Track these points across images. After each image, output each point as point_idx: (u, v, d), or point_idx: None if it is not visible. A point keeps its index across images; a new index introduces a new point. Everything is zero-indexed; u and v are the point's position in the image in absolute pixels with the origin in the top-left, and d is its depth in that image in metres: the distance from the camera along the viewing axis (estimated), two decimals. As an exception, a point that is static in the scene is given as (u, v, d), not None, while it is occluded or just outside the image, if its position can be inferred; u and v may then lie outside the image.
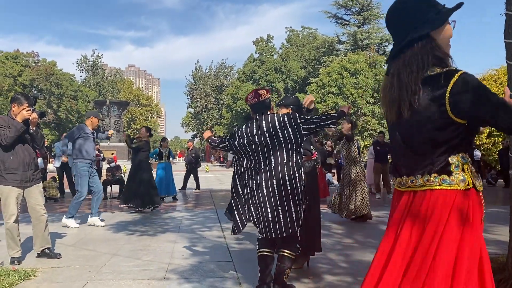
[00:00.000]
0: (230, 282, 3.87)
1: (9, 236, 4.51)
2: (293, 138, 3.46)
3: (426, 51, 1.71)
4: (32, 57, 52.67)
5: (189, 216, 8.23)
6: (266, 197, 3.39)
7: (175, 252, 5.08)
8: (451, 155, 1.66)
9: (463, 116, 1.63)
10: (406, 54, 1.75)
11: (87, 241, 5.84)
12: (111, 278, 4.03)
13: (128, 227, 6.95)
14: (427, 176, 1.67)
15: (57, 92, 48.20)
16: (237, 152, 3.60)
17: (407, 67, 1.73)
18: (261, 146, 3.47)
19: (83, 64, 57.79)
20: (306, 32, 48.22)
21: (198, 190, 14.06)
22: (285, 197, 3.38)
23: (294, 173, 3.43)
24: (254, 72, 44.95)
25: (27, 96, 4.63)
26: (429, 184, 1.66)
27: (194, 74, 59.00)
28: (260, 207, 3.42)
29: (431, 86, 1.67)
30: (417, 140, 1.71)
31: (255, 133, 3.51)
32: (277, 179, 3.39)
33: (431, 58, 1.70)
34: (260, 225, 3.45)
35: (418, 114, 1.69)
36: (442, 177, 1.64)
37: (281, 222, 3.37)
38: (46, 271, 4.28)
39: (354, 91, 29.85)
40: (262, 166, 3.45)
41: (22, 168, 4.51)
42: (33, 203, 4.66)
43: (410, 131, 1.73)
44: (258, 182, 3.44)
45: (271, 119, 3.53)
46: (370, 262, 4.80)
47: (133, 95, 63.62)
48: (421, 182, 1.69)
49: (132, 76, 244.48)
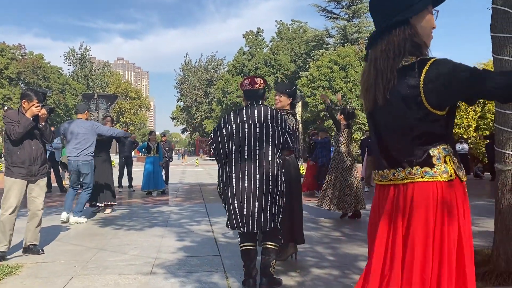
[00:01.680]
0: (217, 276, 3.86)
1: (1, 229, 4.48)
2: (279, 137, 3.41)
3: (403, 37, 1.67)
4: (18, 50, 51.98)
5: (177, 210, 8.19)
6: (246, 190, 3.30)
7: (163, 247, 5.06)
8: (432, 147, 1.63)
9: (441, 104, 1.59)
10: (384, 40, 1.72)
11: (73, 236, 5.78)
12: (96, 273, 3.99)
13: (115, 222, 6.90)
14: (409, 169, 1.64)
15: (45, 86, 47.64)
16: (222, 146, 3.42)
17: (384, 53, 1.70)
18: (248, 135, 3.35)
19: (70, 57, 57.20)
20: (296, 26, 48.19)
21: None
22: (264, 194, 3.31)
23: (277, 172, 3.37)
24: (244, 65, 44.86)
25: (37, 92, 4.73)
26: (411, 177, 1.64)
27: (183, 67, 58.71)
28: (238, 199, 3.32)
29: (406, 76, 1.63)
30: (395, 131, 1.68)
31: (245, 120, 3.39)
32: (261, 175, 3.30)
33: (408, 45, 1.67)
34: (237, 218, 3.34)
35: (393, 104, 1.66)
36: (424, 169, 1.62)
37: (257, 218, 3.30)
38: (31, 267, 4.23)
39: (343, 85, 29.93)
40: (246, 157, 3.33)
41: (29, 162, 4.60)
42: (34, 196, 4.73)
43: (387, 122, 1.71)
44: (240, 173, 3.32)
45: (264, 110, 3.44)
46: (357, 255, 4.82)
47: (121, 88, 63.15)
48: (403, 175, 1.66)
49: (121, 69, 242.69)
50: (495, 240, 3.80)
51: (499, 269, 3.59)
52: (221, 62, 59.20)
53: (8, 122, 4.50)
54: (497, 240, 3.75)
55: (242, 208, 3.31)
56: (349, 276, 3.82)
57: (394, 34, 1.69)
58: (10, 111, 4.76)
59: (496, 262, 3.69)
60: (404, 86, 1.63)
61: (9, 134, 4.50)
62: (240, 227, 3.35)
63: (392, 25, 1.70)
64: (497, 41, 3.68)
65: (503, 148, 3.70)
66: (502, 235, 3.68)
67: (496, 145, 3.79)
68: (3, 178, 4.67)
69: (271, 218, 3.34)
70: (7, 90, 48.37)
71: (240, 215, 3.33)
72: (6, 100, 47.06)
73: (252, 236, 3.48)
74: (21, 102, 4.67)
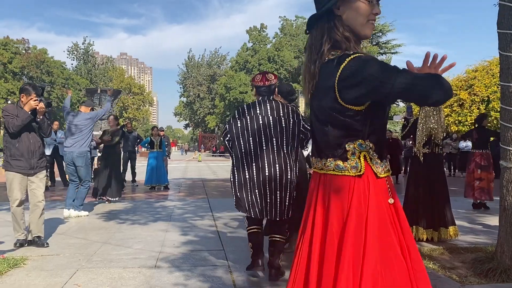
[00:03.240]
0: (221, 271, 3.87)
1: (14, 219, 4.71)
2: (292, 130, 3.47)
3: (324, 31, 1.63)
4: (22, 44, 52.02)
5: (181, 205, 8.21)
6: (267, 179, 3.36)
7: (166, 241, 5.07)
8: (349, 141, 1.61)
9: (356, 101, 1.55)
10: (312, 32, 1.69)
11: (78, 230, 5.81)
12: (101, 266, 4.02)
13: (119, 216, 6.92)
14: (325, 160, 1.65)
15: (48, 80, 47.74)
16: (237, 137, 3.48)
17: (308, 48, 1.68)
18: (263, 127, 3.42)
19: (74, 51, 57.19)
20: (300, 22, 48.00)
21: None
22: (284, 184, 3.39)
23: (293, 164, 3.46)
24: (247, 61, 44.79)
25: (35, 86, 4.81)
26: (325, 168, 1.65)
27: (186, 63, 58.63)
28: (260, 187, 3.37)
29: (327, 71, 1.60)
30: (320, 123, 1.67)
31: (259, 113, 3.46)
32: (280, 165, 3.37)
33: (330, 39, 1.62)
34: (257, 206, 3.41)
35: (317, 97, 1.66)
36: (336, 163, 1.62)
37: (278, 206, 3.40)
38: (36, 259, 4.26)
39: (347, 82, 29.85)
40: (265, 147, 3.39)
41: (27, 155, 4.67)
42: (34, 188, 4.81)
43: (315, 113, 1.70)
44: (260, 162, 3.38)
45: (276, 105, 3.52)
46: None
47: (124, 83, 63.18)
48: (320, 165, 1.68)
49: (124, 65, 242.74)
50: (499, 237, 3.80)
51: (503, 266, 3.59)
52: (224, 58, 59.10)
53: (7, 116, 4.58)
54: (501, 237, 3.75)
55: (264, 197, 3.38)
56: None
57: (318, 27, 1.65)
58: (9, 105, 4.88)
59: (500, 259, 3.69)
60: (324, 81, 1.61)
61: (7, 127, 4.58)
62: (263, 214, 3.42)
63: (319, 16, 1.65)
64: (504, 38, 3.67)
65: (509, 145, 3.69)
66: (506, 232, 3.68)
67: (502, 142, 3.78)
68: (4, 172, 4.76)
69: (288, 207, 3.45)
70: (11, 84, 48.47)
71: (260, 203, 3.39)
72: (9, 94, 47.15)
73: (259, 220, 3.57)
74: (19, 96, 4.76)
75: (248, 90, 42.12)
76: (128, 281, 3.57)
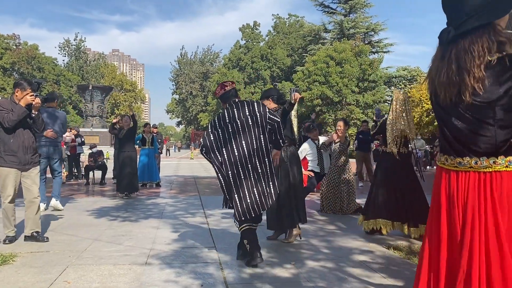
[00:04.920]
0: (212, 268, 3.86)
1: (5, 215, 4.71)
2: (260, 124, 3.86)
3: (488, 37, 1.71)
4: (13, 40, 51.47)
5: (172, 203, 8.18)
6: (243, 181, 3.79)
7: (158, 238, 5.05)
8: None
9: None
10: (466, 39, 1.74)
11: (68, 226, 5.76)
12: (91, 263, 3.99)
13: (110, 213, 6.88)
14: (493, 158, 1.70)
15: (39, 76, 47.28)
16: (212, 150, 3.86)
17: (468, 53, 1.72)
18: (233, 134, 3.84)
19: (65, 48, 56.73)
20: (293, 20, 48.05)
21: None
22: (257, 178, 3.81)
23: (264, 157, 3.86)
24: (240, 59, 44.74)
25: (30, 81, 4.82)
26: (495, 165, 1.70)
27: (179, 60, 58.40)
28: (240, 191, 3.79)
29: (496, 71, 1.68)
30: (479, 123, 1.72)
31: (228, 122, 3.89)
32: (251, 164, 3.81)
33: (493, 44, 1.70)
34: (244, 208, 3.79)
35: (482, 98, 1.70)
36: (508, 159, 1.69)
37: (259, 201, 3.81)
38: (25, 256, 4.22)
39: (339, 80, 29.93)
40: (236, 153, 3.81)
41: (22, 150, 4.67)
42: (29, 184, 4.80)
43: (475, 113, 1.74)
44: (235, 168, 3.80)
45: (241, 105, 3.93)
46: (351, 248, 4.83)
47: (116, 80, 62.73)
48: (486, 164, 1.71)
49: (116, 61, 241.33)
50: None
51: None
52: (217, 55, 58.97)
53: (1, 110, 4.55)
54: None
55: (245, 198, 3.79)
56: (344, 269, 3.84)
57: (478, 34, 1.72)
58: (3, 99, 4.86)
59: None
60: (495, 80, 1.68)
61: (2, 121, 4.55)
62: (252, 214, 3.82)
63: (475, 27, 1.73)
64: None
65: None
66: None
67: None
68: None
69: (269, 197, 3.87)
70: (1, 80, 47.98)
71: (245, 204, 3.79)
72: (0, 91, 46.68)
73: (256, 217, 3.93)
74: (14, 91, 4.73)
75: (241, 88, 42.07)
76: (119, 278, 3.55)
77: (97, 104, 33.73)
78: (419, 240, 4.94)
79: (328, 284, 3.44)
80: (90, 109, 33.57)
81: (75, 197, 9.00)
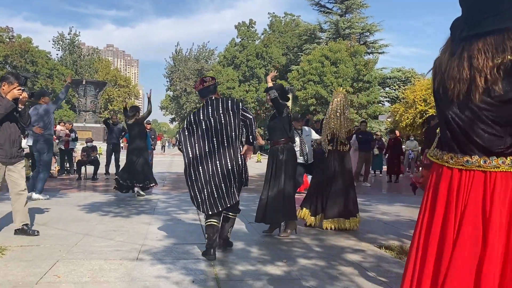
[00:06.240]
0: (203, 264, 3.85)
1: None
2: (233, 121, 4.01)
3: (504, 39, 1.69)
4: (6, 33, 50.95)
5: (164, 199, 8.16)
6: (211, 177, 3.97)
7: (149, 234, 5.03)
8: None
9: None
10: (481, 39, 1.73)
11: (59, 221, 5.72)
12: (82, 257, 3.96)
13: (102, 208, 6.84)
14: (503, 158, 1.69)
15: (32, 70, 46.87)
16: (185, 145, 4.05)
17: (482, 53, 1.71)
18: (206, 131, 3.99)
19: (59, 42, 56.29)
20: (289, 19, 48.01)
21: None
22: (226, 175, 3.98)
23: (234, 155, 4.02)
24: (235, 57, 44.64)
25: (18, 75, 4.79)
26: (503, 166, 1.69)
27: (174, 57, 58.13)
28: (208, 186, 3.97)
29: (510, 72, 1.66)
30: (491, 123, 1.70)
31: (202, 119, 4.04)
32: (220, 161, 3.98)
33: (508, 46, 1.68)
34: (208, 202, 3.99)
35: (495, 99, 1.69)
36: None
37: (225, 198, 4.01)
38: (15, 250, 4.18)
39: (334, 80, 29.96)
40: (207, 149, 3.98)
41: (8, 144, 4.63)
42: (16, 177, 4.76)
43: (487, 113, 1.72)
44: (205, 163, 3.98)
45: (216, 103, 4.09)
46: (343, 247, 4.83)
47: (110, 75, 62.29)
48: (495, 164, 1.70)
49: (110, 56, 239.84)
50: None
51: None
52: (212, 52, 58.75)
53: None
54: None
55: (212, 193, 3.97)
56: (335, 267, 3.85)
57: (494, 35, 1.71)
58: None
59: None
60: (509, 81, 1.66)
61: None
62: (214, 209, 4.00)
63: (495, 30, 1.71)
64: None
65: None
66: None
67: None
68: None
69: (234, 194, 4.08)
70: (-7, 73, 47.54)
71: (209, 199, 3.98)
72: (-8, 83, 46.19)
73: (218, 214, 4.08)
74: (1, 84, 4.67)
75: (235, 86, 42.02)
76: (109, 273, 3.53)
77: (90, 99, 33.46)
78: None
79: (319, 282, 3.44)
80: (83, 104, 33.29)
81: (67, 191, 8.94)
